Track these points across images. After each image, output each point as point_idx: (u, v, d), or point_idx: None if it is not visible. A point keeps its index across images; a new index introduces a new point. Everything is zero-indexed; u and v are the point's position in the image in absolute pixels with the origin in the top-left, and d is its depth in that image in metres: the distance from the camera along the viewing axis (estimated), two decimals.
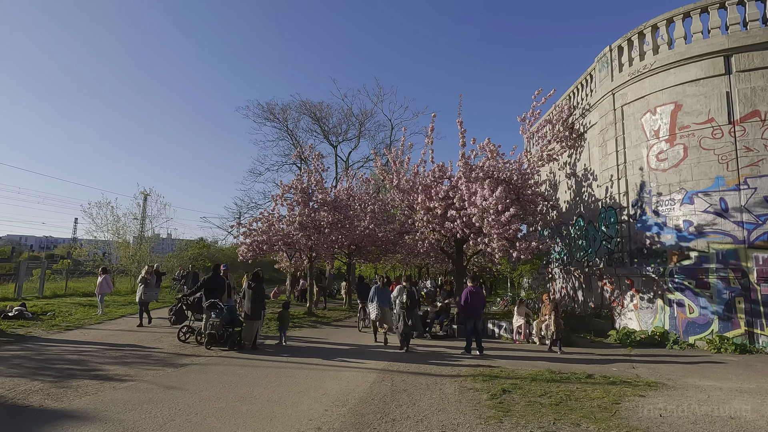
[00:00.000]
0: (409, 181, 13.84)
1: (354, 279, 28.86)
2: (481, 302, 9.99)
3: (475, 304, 9.69)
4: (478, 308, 9.81)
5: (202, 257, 33.05)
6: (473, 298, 9.69)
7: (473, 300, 9.67)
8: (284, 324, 10.11)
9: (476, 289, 9.93)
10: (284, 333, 10.09)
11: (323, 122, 30.59)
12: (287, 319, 10.25)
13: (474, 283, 9.91)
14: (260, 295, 9.23)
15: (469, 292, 9.77)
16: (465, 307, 9.68)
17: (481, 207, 11.23)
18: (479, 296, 9.90)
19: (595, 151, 14.15)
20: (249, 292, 9.22)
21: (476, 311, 9.73)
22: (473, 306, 9.66)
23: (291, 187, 15.83)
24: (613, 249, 12.77)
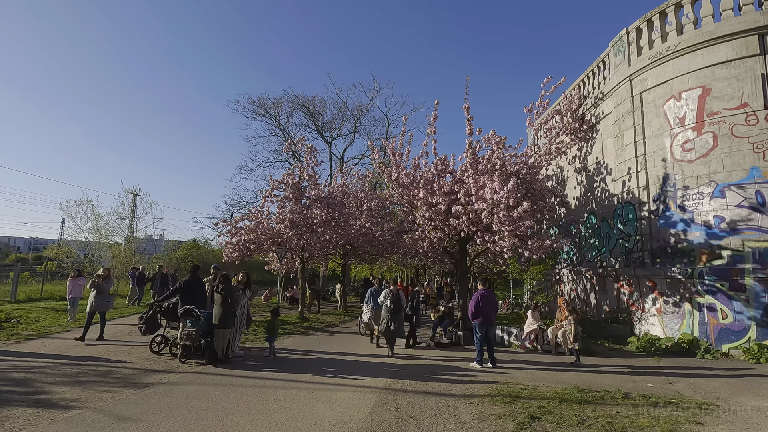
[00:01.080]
0: (409, 175, 12.73)
1: (348, 281, 27.82)
2: (494, 307, 8.90)
3: (486, 310, 8.60)
4: (490, 314, 8.72)
5: (190, 258, 31.76)
6: (485, 302, 8.61)
7: (485, 305, 8.59)
8: (273, 333, 8.95)
9: (488, 292, 8.84)
10: (273, 344, 8.90)
11: (317, 117, 29.44)
12: (276, 328, 9.10)
13: (485, 286, 8.82)
14: (230, 300, 8.06)
15: (480, 296, 8.69)
16: (476, 313, 8.59)
17: (491, 201, 10.15)
18: (491, 301, 8.81)
19: (610, 143, 13.14)
20: (217, 297, 8.04)
21: (488, 318, 8.65)
22: (485, 312, 8.58)
23: (281, 182, 14.67)
24: (631, 248, 11.74)
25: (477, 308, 8.57)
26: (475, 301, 8.68)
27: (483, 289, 8.84)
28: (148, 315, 8.69)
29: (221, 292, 8.08)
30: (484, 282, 8.88)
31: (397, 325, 9.47)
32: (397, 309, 9.55)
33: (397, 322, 9.52)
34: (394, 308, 9.49)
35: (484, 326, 8.61)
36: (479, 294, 8.72)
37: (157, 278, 16.51)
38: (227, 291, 8.14)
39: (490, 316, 8.77)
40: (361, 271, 32.44)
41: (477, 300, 8.64)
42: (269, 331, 8.92)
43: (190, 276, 8.83)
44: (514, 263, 12.72)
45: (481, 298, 8.64)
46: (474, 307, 8.60)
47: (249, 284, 9.16)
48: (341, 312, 19.05)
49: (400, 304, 9.71)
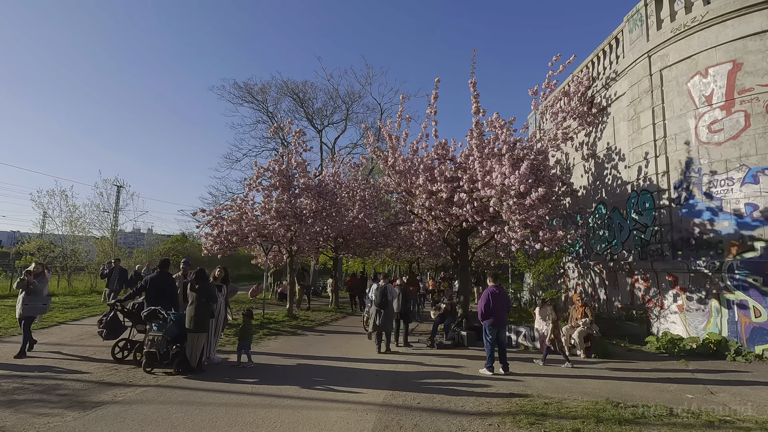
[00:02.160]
0: (406, 160, 11.65)
1: (340, 275, 26.72)
2: (506, 306, 7.87)
3: (498, 309, 7.58)
4: (502, 314, 7.70)
5: (175, 252, 30.40)
6: (496, 301, 7.59)
7: (496, 304, 7.57)
8: (246, 339, 7.60)
9: (499, 289, 7.80)
10: (247, 351, 7.56)
11: (307, 104, 28.11)
12: (250, 333, 7.77)
13: (496, 282, 7.79)
14: (205, 300, 6.94)
15: (490, 293, 7.65)
16: (486, 313, 7.58)
17: (500, 188, 9.11)
18: (503, 299, 7.78)
19: (623, 127, 12.17)
20: (191, 296, 6.91)
21: (500, 318, 7.64)
22: (496, 312, 7.56)
23: (267, 169, 13.48)
24: (648, 240, 10.82)
25: (487, 308, 7.55)
26: (485, 299, 7.66)
27: (494, 285, 7.81)
28: (108, 317, 7.51)
29: (196, 290, 6.95)
30: (495, 278, 7.85)
31: (383, 320, 9.19)
32: (384, 303, 9.27)
33: (384, 317, 9.21)
34: (381, 303, 9.22)
35: (495, 328, 7.60)
36: (489, 291, 7.70)
37: (114, 274, 14.00)
38: (203, 288, 7.02)
39: (502, 316, 7.75)
40: (354, 265, 31.35)
41: (487, 298, 7.63)
42: (241, 337, 7.62)
43: (158, 272, 7.67)
44: (521, 256, 11.75)
45: (492, 296, 7.62)
46: (484, 307, 7.58)
47: (227, 281, 8.03)
48: (333, 308, 17.98)
49: (387, 298, 9.40)
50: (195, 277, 7.02)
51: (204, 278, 7.07)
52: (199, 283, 7.05)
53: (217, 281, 7.85)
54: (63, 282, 21.79)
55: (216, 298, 7.53)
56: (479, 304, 7.76)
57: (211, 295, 7.23)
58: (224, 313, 8.12)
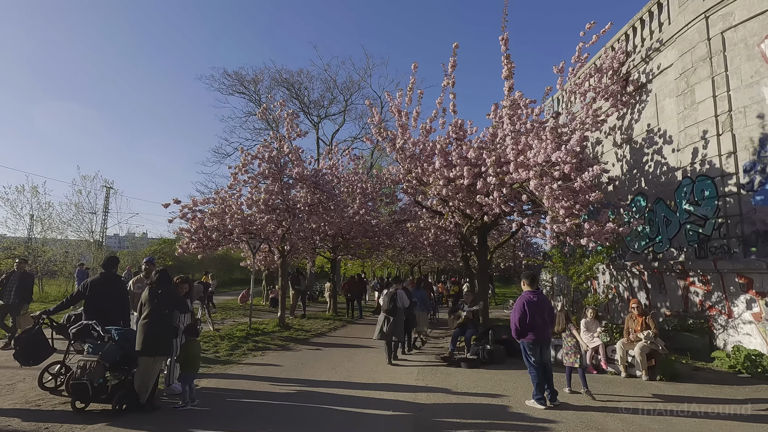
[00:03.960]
0: (418, 142, 9.88)
1: (339, 279, 24.86)
2: (549, 317, 5.99)
3: (539, 323, 5.71)
4: (544, 329, 5.81)
5: (161, 254, 28.44)
6: (535, 312, 5.71)
7: (535, 315, 5.70)
8: (189, 369, 5.37)
9: (538, 297, 5.89)
10: (190, 385, 5.34)
11: (302, 95, 26.32)
12: (195, 359, 5.42)
13: (533, 288, 5.94)
14: (168, 311, 5.11)
15: (526, 302, 5.79)
16: (522, 329, 5.74)
17: (540, 169, 7.33)
18: (544, 308, 5.87)
19: (669, 105, 10.45)
20: (149, 305, 5.05)
21: (543, 334, 5.76)
22: (536, 326, 5.69)
23: (256, 156, 11.67)
24: (707, 234, 9.07)
25: (524, 321, 5.71)
26: (519, 310, 5.78)
27: (531, 291, 5.91)
28: (32, 333, 5.62)
29: (157, 297, 5.11)
30: (533, 281, 5.95)
31: (391, 328, 8.42)
32: (393, 310, 8.52)
33: (393, 324, 8.45)
34: (390, 309, 8.50)
35: (537, 346, 5.75)
36: (525, 299, 5.80)
37: (12, 279, 8.93)
38: (167, 295, 5.19)
39: (545, 331, 5.83)
40: (352, 268, 29.51)
41: (522, 308, 5.74)
42: (183, 365, 5.41)
43: (102, 273, 5.82)
44: (556, 255, 9.99)
45: (529, 306, 5.73)
46: (519, 320, 5.72)
47: (191, 293, 6.16)
48: (330, 316, 16.14)
49: (396, 305, 8.62)
50: (156, 280, 5.16)
51: (167, 281, 5.23)
52: (162, 287, 5.21)
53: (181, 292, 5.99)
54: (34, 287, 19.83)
55: (187, 307, 5.72)
56: (512, 316, 5.90)
57: (180, 305, 5.41)
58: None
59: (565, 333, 6.65)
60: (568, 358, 6.54)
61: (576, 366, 6.37)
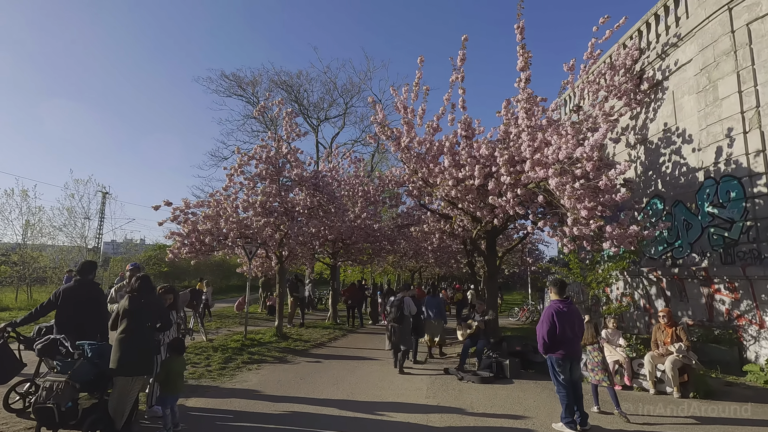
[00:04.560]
0: (423, 141, 9.31)
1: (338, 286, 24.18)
2: (579, 330, 5.36)
3: (569, 336, 5.08)
4: (574, 343, 5.20)
5: (156, 261, 27.73)
6: (564, 323, 5.07)
7: (565, 327, 5.06)
8: (171, 390, 4.73)
9: (568, 306, 5.27)
10: (173, 406, 4.71)
11: (301, 97, 25.81)
12: (177, 378, 4.79)
13: (562, 296, 5.32)
14: (150, 324, 4.48)
15: (554, 312, 5.16)
16: (551, 344, 5.12)
17: (559, 167, 6.75)
18: (574, 319, 5.24)
19: (689, 102, 9.93)
20: (128, 317, 4.41)
21: (572, 348, 5.15)
22: (566, 339, 5.07)
23: (252, 157, 11.09)
24: (734, 238, 8.50)
25: (552, 334, 5.09)
26: (547, 321, 5.14)
27: (559, 301, 5.29)
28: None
29: (139, 307, 4.47)
30: (562, 289, 5.32)
31: (398, 337, 8.31)
32: (400, 318, 8.40)
33: (400, 333, 8.34)
34: (397, 317, 8.40)
35: (566, 362, 5.14)
36: (554, 310, 5.17)
37: None
38: (149, 306, 4.56)
39: (575, 345, 5.23)
40: (351, 275, 28.79)
41: (551, 319, 5.11)
42: (164, 384, 4.76)
43: (77, 280, 5.19)
44: (573, 260, 9.39)
45: (559, 317, 5.10)
46: (548, 333, 5.11)
47: (175, 305, 5.51)
48: (330, 324, 15.47)
49: (404, 313, 8.49)
50: (137, 288, 4.52)
51: (150, 290, 4.59)
52: (144, 296, 4.57)
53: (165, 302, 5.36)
54: (22, 294, 19.15)
55: (170, 321, 5.07)
56: (539, 329, 5.27)
57: (162, 317, 4.76)
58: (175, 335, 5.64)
59: (591, 347, 6.04)
60: (594, 375, 5.92)
61: (605, 384, 5.75)
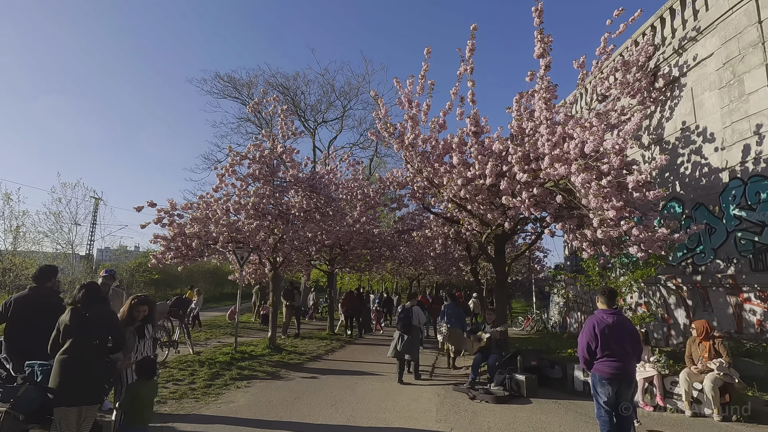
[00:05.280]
0: (430, 138, 8.66)
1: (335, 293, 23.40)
2: (632, 345, 4.40)
3: (616, 351, 4.31)
4: (623, 359, 4.31)
5: (145, 267, 26.78)
6: (611, 337, 4.31)
7: (608, 340, 4.30)
8: (137, 417, 3.93)
9: (615, 316, 4.42)
10: None
11: (298, 99, 25.18)
12: (146, 406, 4.00)
13: (611, 305, 4.57)
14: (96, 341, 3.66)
15: (597, 322, 4.37)
16: (592, 357, 4.41)
17: (583, 162, 6.10)
18: (624, 332, 4.38)
19: (710, 98, 9.36)
20: (67, 337, 3.60)
21: (620, 366, 4.31)
22: (615, 355, 4.31)
23: (245, 156, 10.40)
24: (766, 243, 7.86)
25: (591, 348, 4.37)
26: (587, 333, 4.41)
27: (607, 310, 4.46)
28: None
29: (81, 324, 3.69)
30: (610, 298, 4.53)
31: (405, 346, 8.08)
32: (408, 327, 8.19)
33: (407, 343, 8.12)
34: (405, 326, 8.20)
35: (612, 383, 4.29)
36: (597, 320, 4.40)
37: None
38: (97, 322, 3.78)
39: (624, 363, 4.31)
40: (350, 282, 28.00)
41: (591, 332, 4.37)
42: (128, 414, 3.92)
43: (31, 288, 4.43)
44: (592, 266, 8.72)
45: (602, 329, 4.32)
46: (586, 347, 4.38)
47: (151, 317, 4.73)
48: (327, 335, 14.68)
49: (411, 322, 8.24)
50: (80, 299, 3.75)
51: (97, 300, 3.83)
52: (90, 309, 3.76)
53: (137, 319, 4.56)
54: None
55: (123, 341, 4.14)
56: (580, 341, 4.55)
57: (115, 333, 3.91)
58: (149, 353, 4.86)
59: None
60: None
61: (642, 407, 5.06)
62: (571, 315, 15.69)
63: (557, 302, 17.45)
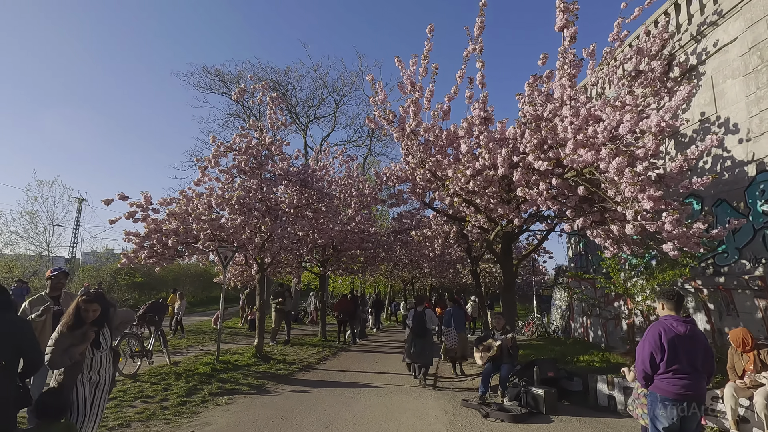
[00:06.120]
0: (431, 128, 7.86)
1: (328, 296, 22.51)
2: (705, 362, 3.56)
3: (685, 368, 3.46)
4: (693, 378, 3.49)
5: (130, 269, 25.54)
6: (677, 347, 3.48)
7: (677, 353, 3.47)
8: None
9: (686, 326, 3.56)
10: None
11: (290, 95, 24.29)
12: None
13: (678, 311, 3.68)
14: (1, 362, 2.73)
15: (664, 330, 3.52)
16: (655, 371, 3.57)
17: (616, 145, 5.34)
18: (696, 346, 3.54)
19: (733, 86, 8.71)
20: None
21: (688, 386, 3.46)
22: (680, 371, 3.46)
23: (231, 148, 9.50)
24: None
25: (655, 362, 3.57)
26: (650, 342, 3.55)
27: (676, 318, 3.62)
28: None
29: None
30: (678, 304, 3.68)
31: (419, 350, 8.09)
32: (422, 331, 8.15)
33: (422, 347, 8.11)
34: (419, 330, 8.15)
35: (676, 406, 3.45)
36: (664, 328, 3.54)
37: None
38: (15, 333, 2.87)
39: (697, 382, 3.50)
40: (342, 285, 27.11)
41: (656, 342, 3.52)
42: None
43: None
44: (613, 266, 7.98)
45: (670, 341, 3.49)
46: (649, 359, 3.56)
47: (106, 316, 3.82)
48: (319, 341, 13.78)
49: (424, 326, 8.19)
50: None
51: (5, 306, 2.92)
52: None
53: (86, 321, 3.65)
54: None
55: (40, 356, 3.19)
56: (639, 351, 3.68)
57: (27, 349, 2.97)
58: (108, 374, 3.94)
59: None
60: (635, 408, 4.50)
61: (643, 422, 4.28)
62: (575, 319, 14.97)
63: (559, 306, 16.75)
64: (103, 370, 3.76)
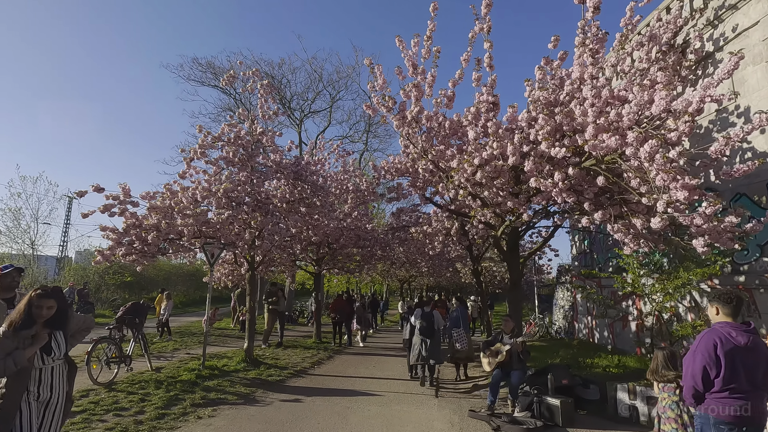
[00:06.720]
0: (434, 116, 7.28)
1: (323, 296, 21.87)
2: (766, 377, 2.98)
3: (744, 387, 2.89)
4: (755, 398, 2.90)
5: (118, 268, 24.75)
6: (736, 360, 2.89)
7: (736, 367, 2.89)
8: None
9: (749, 335, 2.95)
10: None
11: (284, 89, 23.63)
12: None
13: (735, 317, 3.05)
14: None
15: (721, 341, 2.92)
16: (720, 400, 2.94)
17: (645, 128, 4.78)
18: (759, 358, 2.93)
19: (753, 73, 8.20)
20: None
21: (750, 406, 2.87)
22: (740, 390, 2.89)
23: (219, 138, 8.86)
24: None
25: (708, 377, 3.00)
26: (703, 354, 2.97)
27: (735, 325, 3.02)
28: None
29: None
30: (736, 308, 3.07)
31: (430, 350, 7.98)
32: (431, 331, 8.13)
33: (431, 347, 8.01)
34: (428, 331, 8.11)
35: (735, 429, 2.89)
36: (720, 338, 2.95)
37: None
38: None
39: (757, 402, 2.92)
40: (337, 285, 26.49)
41: (711, 354, 2.94)
42: None
43: None
44: (631, 263, 7.44)
45: (728, 352, 2.91)
46: (702, 373, 2.98)
47: (63, 317, 3.21)
48: (313, 343, 13.16)
49: (433, 327, 8.21)
50: None
51: None
52: None
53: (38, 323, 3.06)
54: None
55: None
56: (691, 363, 3.07)
57: None
58: (62, 391, 3.32)
59: (665, 386, 4.10)
60: (670, 424, 3.97)
61: None
62: (579, 320, 14.47)
63: (561, 306, 16.24)
64: (54, 384, 3.15)
